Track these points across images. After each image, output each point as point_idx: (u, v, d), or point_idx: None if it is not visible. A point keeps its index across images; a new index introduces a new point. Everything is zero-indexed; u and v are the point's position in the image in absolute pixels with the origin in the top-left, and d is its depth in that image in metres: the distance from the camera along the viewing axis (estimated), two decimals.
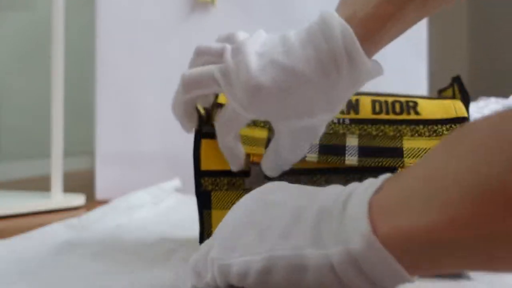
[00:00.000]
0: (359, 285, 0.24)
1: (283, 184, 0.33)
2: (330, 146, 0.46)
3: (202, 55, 0.40)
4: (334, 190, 0.29)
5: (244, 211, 0.31)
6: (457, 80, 0.50)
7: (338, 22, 0.35)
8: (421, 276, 0.28)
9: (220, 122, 0.43)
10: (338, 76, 0.36)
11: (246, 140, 0.45)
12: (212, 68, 0.39)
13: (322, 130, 0.41)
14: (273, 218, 0.29)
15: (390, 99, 0.49)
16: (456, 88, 0.50)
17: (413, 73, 1.05)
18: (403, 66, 1.04)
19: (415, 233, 0.22)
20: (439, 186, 0.21)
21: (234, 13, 1.03)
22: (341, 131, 0.47)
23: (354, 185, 0.28)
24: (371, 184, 0.26)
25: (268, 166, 0.42)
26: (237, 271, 0.28)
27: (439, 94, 0.55)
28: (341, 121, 0.47)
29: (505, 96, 0.92)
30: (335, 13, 0.36)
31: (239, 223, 0.30)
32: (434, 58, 1.39)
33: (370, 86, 0.58)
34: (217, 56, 0.39)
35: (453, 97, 0.51)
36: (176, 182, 0.96)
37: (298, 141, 0.40)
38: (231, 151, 0.43)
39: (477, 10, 2.25)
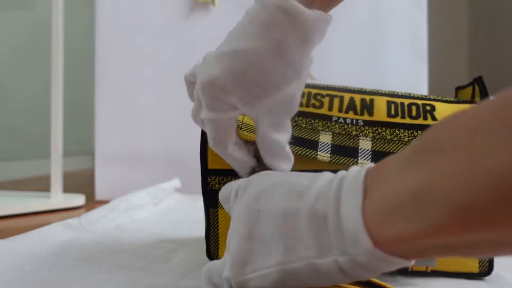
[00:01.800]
0: (364, 275, 0.28)
1: (264, 183, 0.33)
2: (343, 147, 0.44)
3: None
4: (317, 186, 0.30)
5: (243, 225, 0.31)
6: (479, 81, 0.48)
7: None
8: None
9: (211, 142, 0.40)
10: (284, 36, 0.35)
11: (250, 129, 0.44)
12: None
13: (298, 99, 0.39)
14: (270, 229, 0.30)
15: (406, 101, 0.47)
16: (477, 90, 0.48)
17: (413, 73, 1.05)
18: (404, 66, 1.04)
19: (407, 238, 0.24)
20: (425, 201, 0.23)
21: (234, 13, 1.03)
22: (354, 133, 0.45)
23: (336, 182, 0.29)
24: (354, 184, 0.27)
25: (263, 153, 0.40)
26: (254, 285, 0.30)
27: (457, 92, 0.53)
28: (354, 122, 0.46)
29: None
30: None
31: (242, 238, 0.31)
32: (434, 58, 1.39)
33: (370, 86, 0.58)
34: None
35: (472, 98, 0.49)
36: (176, 182, 0.96)
37: (277, 118, 0.38)
38: (237, 160, 0.41)
39: (477, 10, 2.25)
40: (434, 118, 0.46)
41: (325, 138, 0.45)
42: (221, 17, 1.03)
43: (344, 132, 0.45)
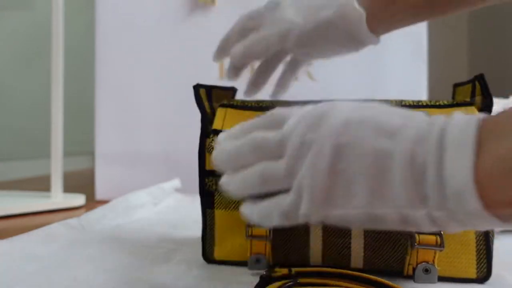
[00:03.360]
0: (455, 229, 0.26)
1: (346, 115, 0.29)
2: None
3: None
4: (415, 127, 0.27)
5: (325, 160, 0.28)
6: (480, 79, 0.45)
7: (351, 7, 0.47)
8: None
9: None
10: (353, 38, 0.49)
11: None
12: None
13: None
14: (355, 167, 0.28)
15: None
16: (478, 88, 0.46)
17: (413, 74, 1.05)
18: (403, 67, 1.04)
19: None
20: None
21: (235, 13, 1.03)
22: None
23: (438, 127, 0.27)
24: (465, 134, 0.25)
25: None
26: (335, 222, 0.29)
27: (455, 89, 0.51)
28: None
29: (505, 96, 0.92)
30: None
31: (323, 173, 0.28)
32: (434, 59, 1.39)
33: (370, 87, 0.58)
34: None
35: (472, 97, 0.47)
36: (176, 182, 0.96)
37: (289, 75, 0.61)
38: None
39: (477, 10, 2.25)
40: None
41: None
42: (221, 17, 1.03)
43: None
